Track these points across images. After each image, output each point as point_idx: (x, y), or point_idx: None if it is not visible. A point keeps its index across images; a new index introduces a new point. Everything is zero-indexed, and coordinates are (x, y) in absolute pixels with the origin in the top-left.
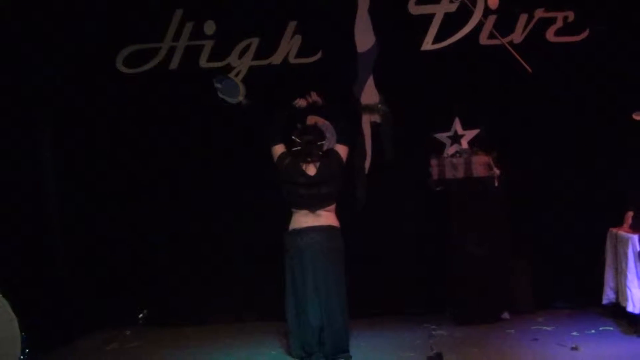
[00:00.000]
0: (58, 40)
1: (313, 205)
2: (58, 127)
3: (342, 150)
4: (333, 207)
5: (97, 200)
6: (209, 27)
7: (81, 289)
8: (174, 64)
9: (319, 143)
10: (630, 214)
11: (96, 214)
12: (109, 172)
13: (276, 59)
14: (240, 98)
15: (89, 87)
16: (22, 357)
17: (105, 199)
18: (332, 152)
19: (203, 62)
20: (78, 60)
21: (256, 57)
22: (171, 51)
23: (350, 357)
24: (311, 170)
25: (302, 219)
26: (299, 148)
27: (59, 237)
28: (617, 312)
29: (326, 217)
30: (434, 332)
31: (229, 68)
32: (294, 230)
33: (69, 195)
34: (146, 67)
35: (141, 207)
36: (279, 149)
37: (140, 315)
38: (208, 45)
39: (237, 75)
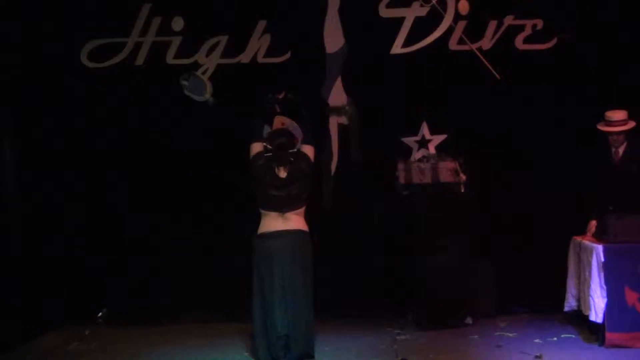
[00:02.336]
0: (19, 31)
1: (283, 207)
2: (18, 121)
3: (309, 150)
4: (302, 210)
5: (57, 197)
6: (177, 24)
7: (39, 287)
8: (140, 59)
9: (290, 150)
10: (594, 223)
11: (55, 211)
12: (70, 168)
13: (245, 57)
14: (207, 96)
15: (52, 80)
16: None
17: (65, 197)
18: (300, 154)
19: (170, 59)
20: (41, 52)
21: (224, 55)
22: (137, 46)
23: None
24: (282, 173)
25: (272, 223)
26: (270, 154)
27: (16, 234)
28: (578, 319)
29: (295, 221)
30: (397, 337)
31: (196, 65)
32: (263, 233)
33: (28, 192)
34: (111, 62)
35: (102, 205)
36: (256, 147)
37: (100, 314)
38: (175, 41)
39: (204, 73)
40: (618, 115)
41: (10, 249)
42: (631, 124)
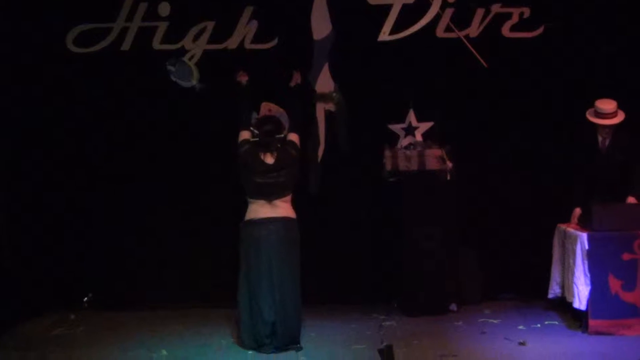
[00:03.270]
0: (3, 14)
1: (270, 194)
2: (2, 107)
3: (295, 138)
4: (289, 197)
5: (40, 181)
6: (164, 9)
7: (23, 272)
8: (126, 44)
9: (277, 135)
10: (578, 210)
11: (39, 195)
12: (54, 152)
13: (231, 43)
14: (194, 82)
15: (37, 65)
16: None
17: (48, 181)
18: (288, 141)
19: (156, 44)
20: (26, 37)
21: (211, 41)
22: (124, 32)
23: (301, 348)
24: (269, 159)
25: (259, 209)
26: (257, 140)
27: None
28: (562, 306)
29: (283, 208)
30: (383, 323)
31: (183, 51)
32: (251, 220)
33: (11, 176)
34: (97, 48)
35: (86, 188)
36: (244, 134)
37: (85, 299)
38: (162, 26)
39: (191, 58)
40: (609, 106)
41: None
42: (621, 116)
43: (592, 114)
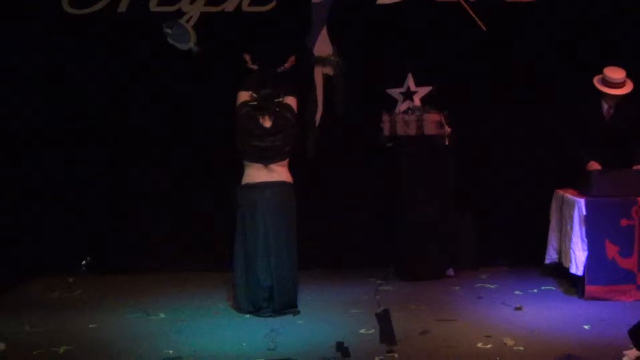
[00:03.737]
0: None
1: (267, 158)
2: None
3: (292, 101)
4: (286, 162)
5: (38, 143)
6: None
7: (22, 235)
8: (123, 6)
9: (275, 99)
10: (594, 163)
11: (36, 158)
12: (50, 115)
13: (229, 6)
14: (191, 44)
15: (31, 26)
16: None
17: (45, 143)
18: (286, 105)
19: (153, 6)
20: None
21: (208, 3)
22: None
23: (299, 312)
24: (267, 122)
25: (256, 174)
26: (255, 103)
27: None
28: (559, 272)
29: (279, 173)
30: (380, 288)
31: (180, 13)
32: (247, 184)
33: (9, 139)
34: (93, 9)
35: (84, 151)
36: (243, 96)
37: (84, 262)
38: None
39: (188, 21)
40: (618, 75)
41: None
42: (630, 86)
43: (599, 82)
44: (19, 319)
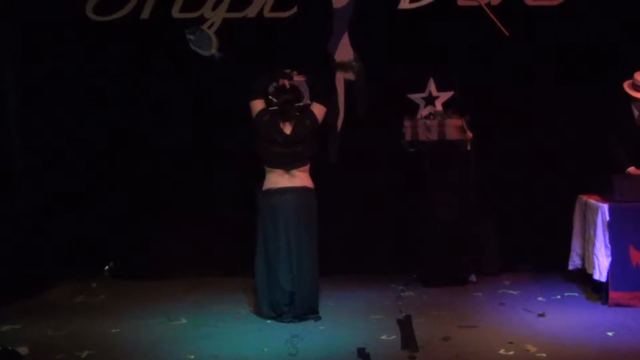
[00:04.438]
0: None
1: (288, 165)
2: (21, 74)
3: (318, 109)
4: (307, 167)
5: (61, 152)
6: None
7: (46, 241)
8: (146, 13)
9: (296, 104)
10: (634, 169)
11: (60, 165)
12: (73, 122)
13: (251, 12)
14: (213, 51)
15: (56, 33)
16: None
17: (69, 152)
18: (308, 111)
19: (175, 13)
20: (45, 5)
21: (230, 9)
22: (143, 0)
23: (320, 317)
24: (287, 128)
25: (277, 179)
26: (275, 108)
27: (22, 189)
28: (582, 278)
29: (300, 178)
30: (402, 294)
31: (202, 19)
32: (269, 190)
33: (33, 146)
34: (116, 16)
35: (106, 159)
36: (258, 105)
37: (106, 267)
38: None
39: (210, 27)
40: None
41: (15, 204)
42: None
43: (630, 87)
44: (42, 323)
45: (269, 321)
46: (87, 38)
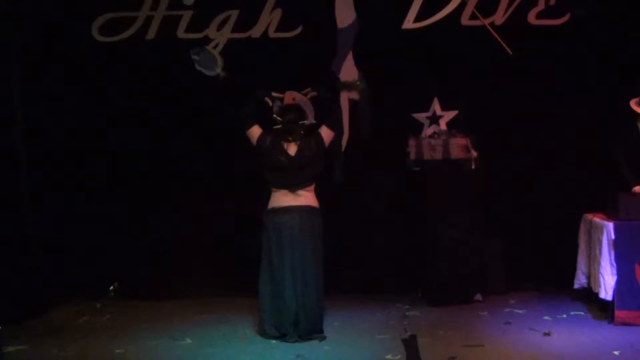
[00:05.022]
0: (30, 4)
1: (293, 185)
2: (29, 95)
3: (326, 133)
4: (313, 187)
5: (68, 172)
6: None
7: (51, 261)
8: (151, 33)
9: (300, 122)
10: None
11: (66, 185)
12: (80, 142)
13: (255, 32)
14: (218, 70)
15: (62, 53)
16: None
17: (75, 171)
18: (315, 133)
19: (181, 33)
20: (52, 25)
21: (235, 29)
22: (148, 20)
23: (325, 337)
24: (292, 149)
25: (282, 198)
26: (279, 127)
27: (28, 209)
28: (588, 297)
29: (306, 197)
30: (407, 313)
31: (207, 40)
32: (274, 209)
33: (40, 167)
34: (122, 36)
35: (112, 179)
36: (256, 131)
37: (111, 287)
38: (186, 15)
39: (215, 47)
40: None
41: (19, 224)
42: None
43: (637, 104)
44: (48, 343)
45: (273, 341)
46: (93, 58)
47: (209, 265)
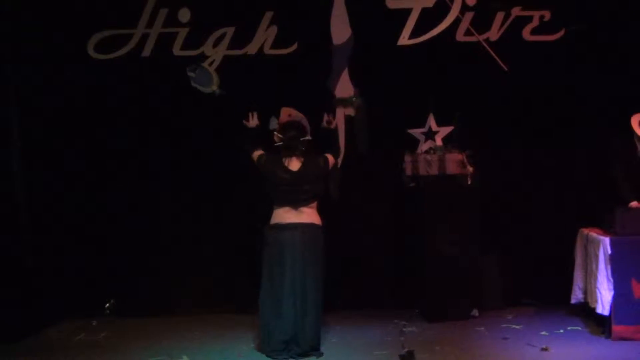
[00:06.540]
0: (26, 22)
1: (295, 202)
2: (26, 113)
3: (332, 161)
4: (315, 204)
5: (64, 189)
6: (184, 15)
7: (47, 279)
8: (147, 51)
9: (302, 139)
10: (636, 203)
11: (62, 203)
12: (76, 160)
13: (251, 49)
14: (214, 87)
15: (58, 71)
16: None
17: (72, 189)
18: (321, 156)
19: (177, 50)
20: (48, 43)
21: (231, 46)
22: (144, 38)
23: (322, 354)
24: (294, 165)
25: (284, 215)
26: (281, 143)
27: (24, 227)
28: (585, 312)
29: (308, 214)
30: (404, 329)
31: (203, 57)
32: (276, 225)
33: (36, 183)
34: (118, 54)
35: (109, 196)
36: (257, 154)
37: (107, 305)
38: (182, 33)
39: (211, 64)
40: None
41: (17, 241)
42: None
43: (638, 124)
44: None
45: (272, 359)
46: (89, 76)
47: (206, 282)
